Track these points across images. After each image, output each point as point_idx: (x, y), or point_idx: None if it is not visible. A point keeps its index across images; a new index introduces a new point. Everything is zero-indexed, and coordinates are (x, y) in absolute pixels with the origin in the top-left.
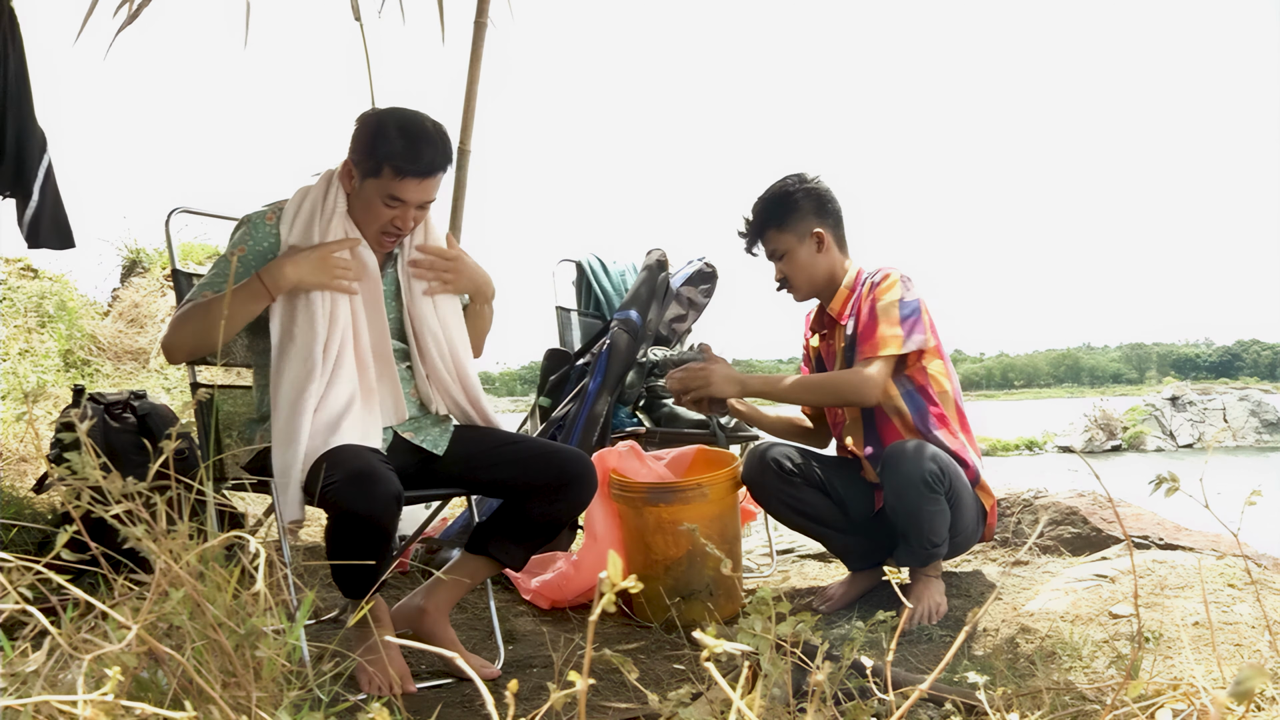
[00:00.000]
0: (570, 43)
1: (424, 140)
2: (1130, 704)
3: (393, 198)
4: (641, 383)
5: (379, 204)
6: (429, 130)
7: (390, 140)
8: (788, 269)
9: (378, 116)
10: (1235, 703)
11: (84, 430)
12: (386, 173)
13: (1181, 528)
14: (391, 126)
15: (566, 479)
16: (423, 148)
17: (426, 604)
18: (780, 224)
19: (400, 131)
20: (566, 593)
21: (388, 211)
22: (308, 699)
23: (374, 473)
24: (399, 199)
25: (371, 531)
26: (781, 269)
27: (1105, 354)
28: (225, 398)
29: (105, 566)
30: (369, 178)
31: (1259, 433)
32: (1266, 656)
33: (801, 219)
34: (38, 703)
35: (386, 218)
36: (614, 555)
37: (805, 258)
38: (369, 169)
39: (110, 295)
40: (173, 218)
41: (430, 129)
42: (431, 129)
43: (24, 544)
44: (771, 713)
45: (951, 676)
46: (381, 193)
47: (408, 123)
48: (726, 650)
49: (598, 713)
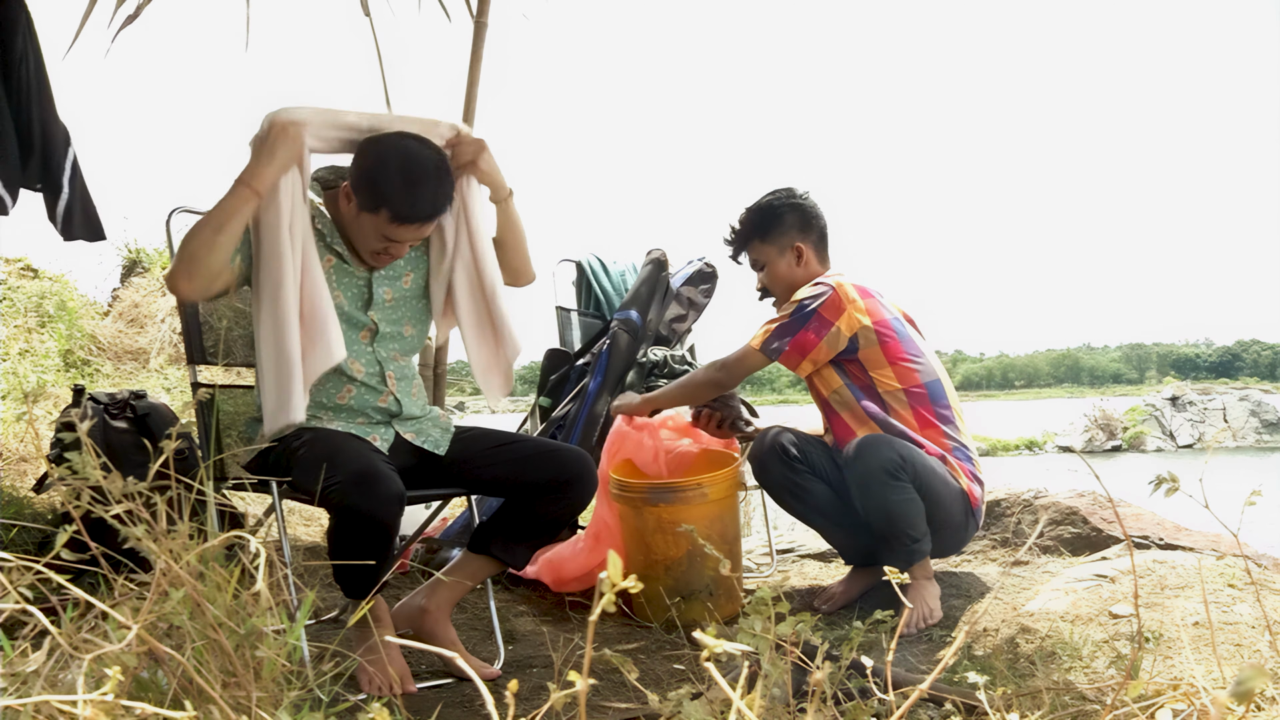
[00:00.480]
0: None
1: (424, 185)
2: (1130, 704)
3: (388, 239)
4: (642, 383)
5: (374, 238)
6: (429, 172)
7: (390, 182)
8: (768, 279)
9: (379, 152)
10: (1235, 703)
11: (84, 430)
12: (384, 215)
13: (1181, 528)
14: (393, 167)
15: (567, 477)
16: (422, 194)
17: (428, 604)
18: (764, 235)
19: (401, 173)
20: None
21: (381, 243)
22: (308, 699)
23: (377, 472)
24: (395, 240)
25: (374, 531)
26: (762, 279)
27: (1105, 354)
28: (225, 398)
29: (105, 566)
30: (366, 212)
31: (1259, 433)
32: (1266, 657)
33: (784, 233)
34: (38, 702)
35: (380, 248)
36: (614, 555)
37: (784, 270)
38: (367, 205)
39: (110, 295)
40: (173, 218)
41: (432, 170)
42: (433, 170)
43: (24, 544)
44: (771, 713)
45: (951, 676)
46: (377, 230)
47: (409, 164)
48: (726, 650)
49: (598, 713)
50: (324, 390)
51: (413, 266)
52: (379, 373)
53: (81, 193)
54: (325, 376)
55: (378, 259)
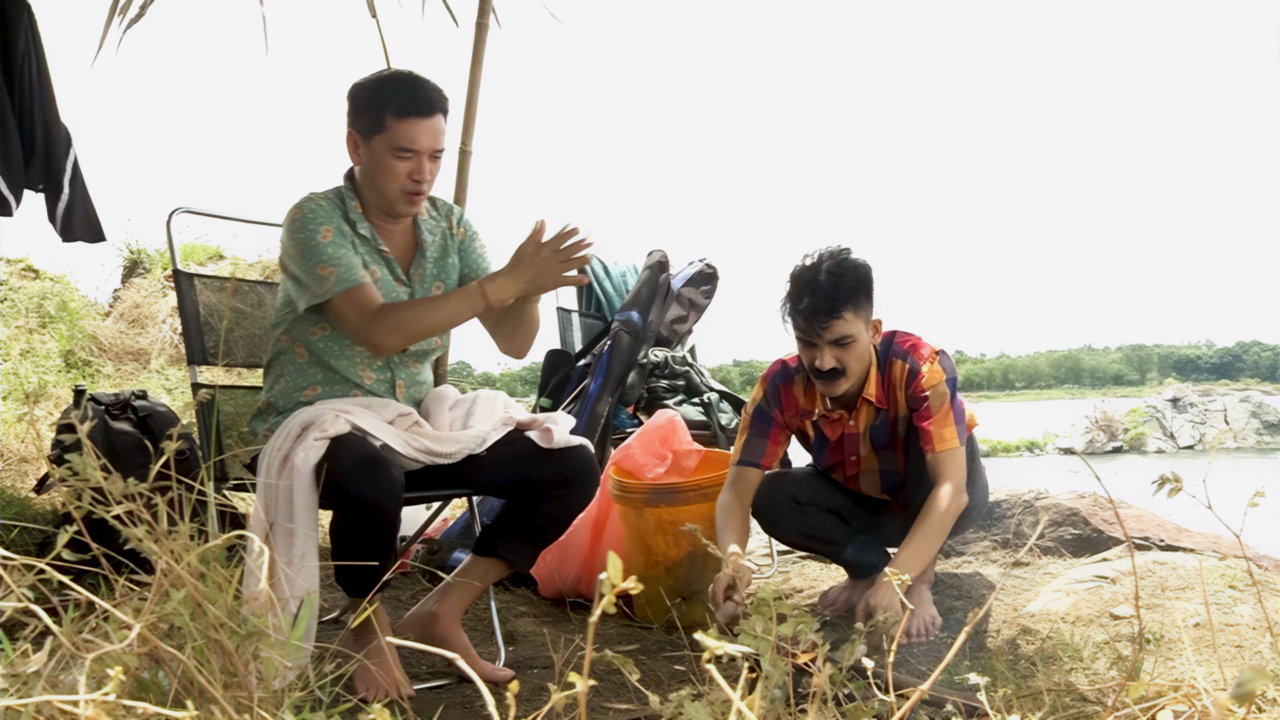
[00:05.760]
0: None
1: (418, 83)
2: (1131, 705)
3: (402, 148)
4: (642, 384)
5: (391, 160)
6: (420, 77)
7: (386, 91)
8: (848, 358)
9: (367, 80)
10: (1236, 704)
11: (84, 431)
12: (390, 121)
13: (1182, 529)
14: (384, 80)
15: (568, 476)
16: (418, 89)
17: (438, 609)
18: (857, 306)
19: (393, 81)
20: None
21: (402, 165)
22: (309, 700)
23: (379, 459)
24: (409, 148)
25: (377, 518)
26: (839, 355)
27: (1106, 355)
28: (226, 398)
29: (106, 567)
30: (374, 135)
31: (1260, 434)
32: (1268, 658)
33: (870, 305)
34: (39, 703)
35: (403, 172)
36: (614, 556)
37: (864, 348)
38: (372, 126)
39: (111, 296)
40: (174, 217)
41: (421, 76)
42: (422, 77)
43: (25, 545)
44: (772, 713)
45: (952, 678)
46: (390, 145)
47: (398, 74)
48: (727, 651)
49: (599, 714)
50: (329, 396)
51: (443, 276)
52: (389, 379)
53: (82, 194)
54: (334, 386)
55: (411, 199)
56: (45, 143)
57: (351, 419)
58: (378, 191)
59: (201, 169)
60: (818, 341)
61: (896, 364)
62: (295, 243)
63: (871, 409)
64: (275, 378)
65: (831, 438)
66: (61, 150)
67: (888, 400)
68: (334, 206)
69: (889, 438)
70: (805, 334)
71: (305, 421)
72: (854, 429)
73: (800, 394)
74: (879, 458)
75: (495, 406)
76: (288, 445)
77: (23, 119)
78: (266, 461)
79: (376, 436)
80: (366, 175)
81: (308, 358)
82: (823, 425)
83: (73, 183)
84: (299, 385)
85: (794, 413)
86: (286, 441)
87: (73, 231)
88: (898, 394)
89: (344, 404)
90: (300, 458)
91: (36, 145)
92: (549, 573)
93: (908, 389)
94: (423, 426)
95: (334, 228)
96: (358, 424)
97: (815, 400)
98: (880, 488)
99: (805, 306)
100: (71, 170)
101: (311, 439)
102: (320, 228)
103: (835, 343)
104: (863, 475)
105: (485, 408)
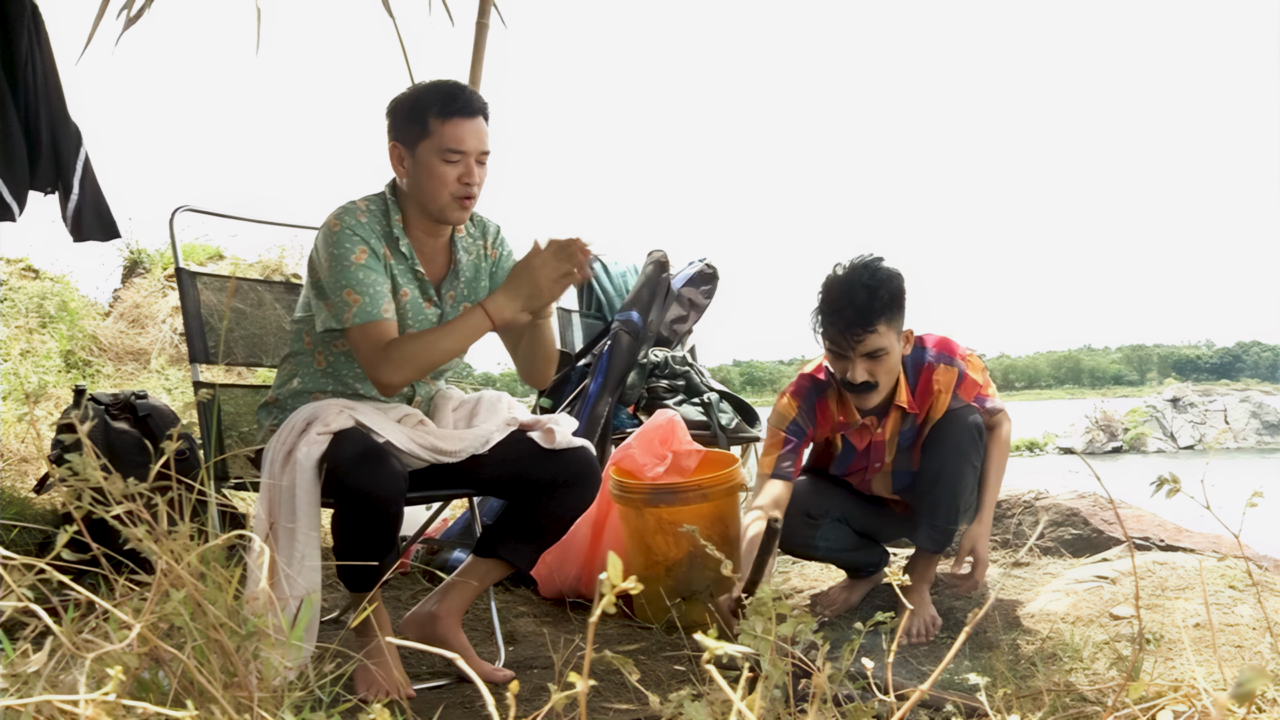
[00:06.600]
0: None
1: (458, 87)
2: (1131, 705)
3: (450, 149)
4: (642, 384)
5: (439, 165)
6: (459, 83)
7: (428, 97)
8: (879, 370)
9: (405, 92)
10: (1236, 704)
11: (85, 431)
12: (434, 125)
13: (1182, 529)
14: (425, 89)
15: (569, 476)
16: (460, 91)
17: (438, 609)
18: (890, 317)
19: (433, 88)
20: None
21: (451, 170)
22: (309, 699)
23: (381, 451)
24: (457, 149)
25: (380, 511)
26: (870, 368)
27: (1106, 355)
28: (226, 398)
29: (106, 567)
30: (420, 142)
31: (1260, 434)
32: (1267, 658)
33: (902, 316)
34: (39, 702)
35: (453, 177)
36: (613, 556)
37: (896, 360)
38: (416, 134)
39: (111, 296)
40: (176, 216)
41: (460, 84)
42: (461, 84)
43: (25, 545)
44: (772, 713)
45: (952, 678)
46: (437, 150)
47: (437, 82)
48: (727, 652)
49: (599, 714)
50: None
51: (473, 299)
52: (407, 395)
53: (93, 192)
54: (345, 396)
55: (463, 204)
56: (52, 144)
57: (355, 415)
58: (428, 200)
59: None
60: (850, 354)
61: (939, 368)
62: (328, 256)
63: (901, 415)
64: (289, 376)
65: (860, 447)
66: (71, 150)
67: (920, 405)
68: (375, 221)
69: (913, 439)
70: (837, 346)
71: (309, 416)
72: (881, 436)
73: (835, 407)
74: (897, 458)
75: (499, 407)
76: (291, 439)
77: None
78: (270, 457)
79: (379, 433)
80: (414, 186)
81: (324, 365)
82: (850, 435)
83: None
84: (309, 389)
85: (829, 427)
86: (290, 436)
87: (84, 231)
88: (943, 398)
89: (349, 401)
90: (303, 452)
91: (43, 147)
92: (549, 573)
93: (958, 389)
94: (427, 425)
95: (369, 249)
96: (361, 420)
97: (850, 411)
98: (892, 488)
99: (838, 319)
100: (82, 169)
101: (315, 434)
102: (356, 247)
103: (868, 355)
104: (877, 476)
105: (489, 408)
